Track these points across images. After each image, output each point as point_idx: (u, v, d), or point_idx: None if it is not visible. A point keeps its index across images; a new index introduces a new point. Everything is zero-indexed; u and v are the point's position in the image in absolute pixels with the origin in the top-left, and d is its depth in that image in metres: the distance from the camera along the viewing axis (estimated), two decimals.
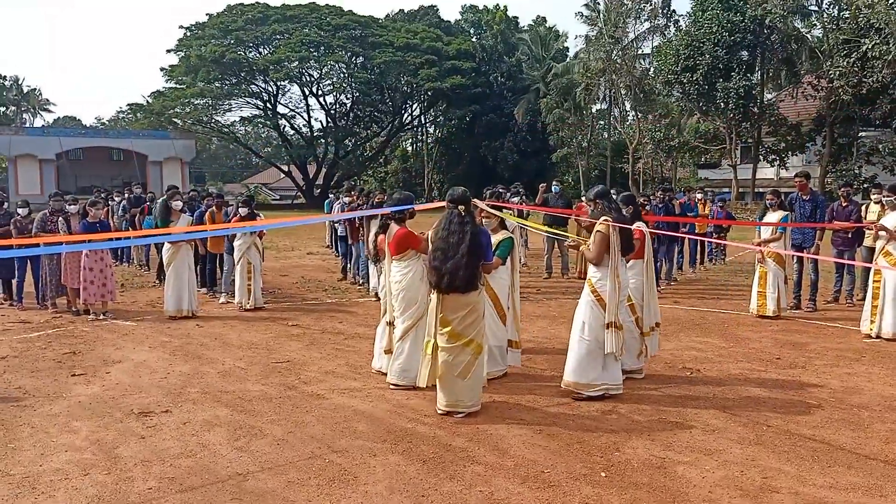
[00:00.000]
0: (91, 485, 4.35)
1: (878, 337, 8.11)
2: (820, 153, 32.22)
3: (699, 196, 15.75)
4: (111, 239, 10.74)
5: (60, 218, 10.12)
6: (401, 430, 5.25)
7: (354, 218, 11.54)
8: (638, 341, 6.47)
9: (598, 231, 5.83)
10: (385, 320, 6.52)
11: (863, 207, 10.38)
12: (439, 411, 5.52)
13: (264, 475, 4.47)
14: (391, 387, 6.21)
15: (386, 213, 6.48)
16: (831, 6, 30.25)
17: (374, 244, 6.77)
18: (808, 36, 31.91)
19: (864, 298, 8.70)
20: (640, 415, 5.54)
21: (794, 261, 10.12)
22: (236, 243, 10.24)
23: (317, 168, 50.40)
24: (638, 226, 6.59)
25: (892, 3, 25.99)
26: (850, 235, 9.93)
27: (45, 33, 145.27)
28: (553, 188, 14.17)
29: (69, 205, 10.35)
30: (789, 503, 4.05)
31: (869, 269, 8.73)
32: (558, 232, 10.20)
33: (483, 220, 6.63)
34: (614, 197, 6.65)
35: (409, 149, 57.80)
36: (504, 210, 7.38)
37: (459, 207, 5.50)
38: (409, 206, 6.37)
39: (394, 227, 6.26)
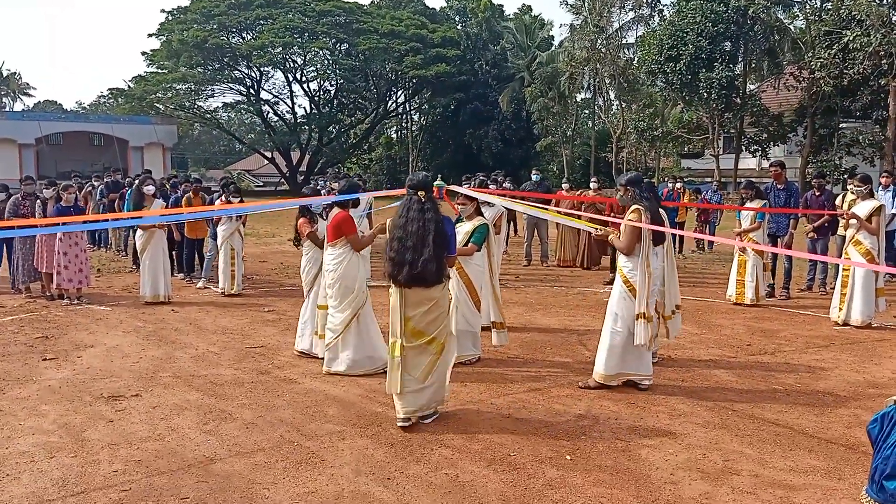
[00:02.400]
0: (56, 467, 4.34)
1: (846, 324, 8.23)
2: (801, 144, 32.40)
3: (679, 186, 15.90)
4: (87, 222, 10.68)
5: (38, 202, 10.04)
6: (371, 414, 5.27)
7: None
8: (655, 325, 6.47)
9: (628, 220, 5.70)
10: (315, 301, 6.65)
11: (840, 197, 10.47)
12: (398, 422, 4.98)
13: (231, 458, 4.48)
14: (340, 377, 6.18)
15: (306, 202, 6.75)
16: None
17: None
18: (791, 27, 32.01)
19: None
20: (608, 399, 5.59)
21: None
22: (220, 229, 10.20)
23: (300, 155, 50.09)
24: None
25: None
26: (824, 224, 10.03)
27: (26, 16, 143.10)
28: (533, 176, 14.20)
29: (46, 188, 10.26)
30: (748, 485, 4.12)
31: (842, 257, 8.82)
32: (588, 222, 9.89)
33: (459, 207, 6.66)
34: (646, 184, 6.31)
35: (394, 136, 57.52)
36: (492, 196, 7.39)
37: (419, 193, 4.99)
38: (353, 196, 6.43)
39: (335, 211, 6.32)
